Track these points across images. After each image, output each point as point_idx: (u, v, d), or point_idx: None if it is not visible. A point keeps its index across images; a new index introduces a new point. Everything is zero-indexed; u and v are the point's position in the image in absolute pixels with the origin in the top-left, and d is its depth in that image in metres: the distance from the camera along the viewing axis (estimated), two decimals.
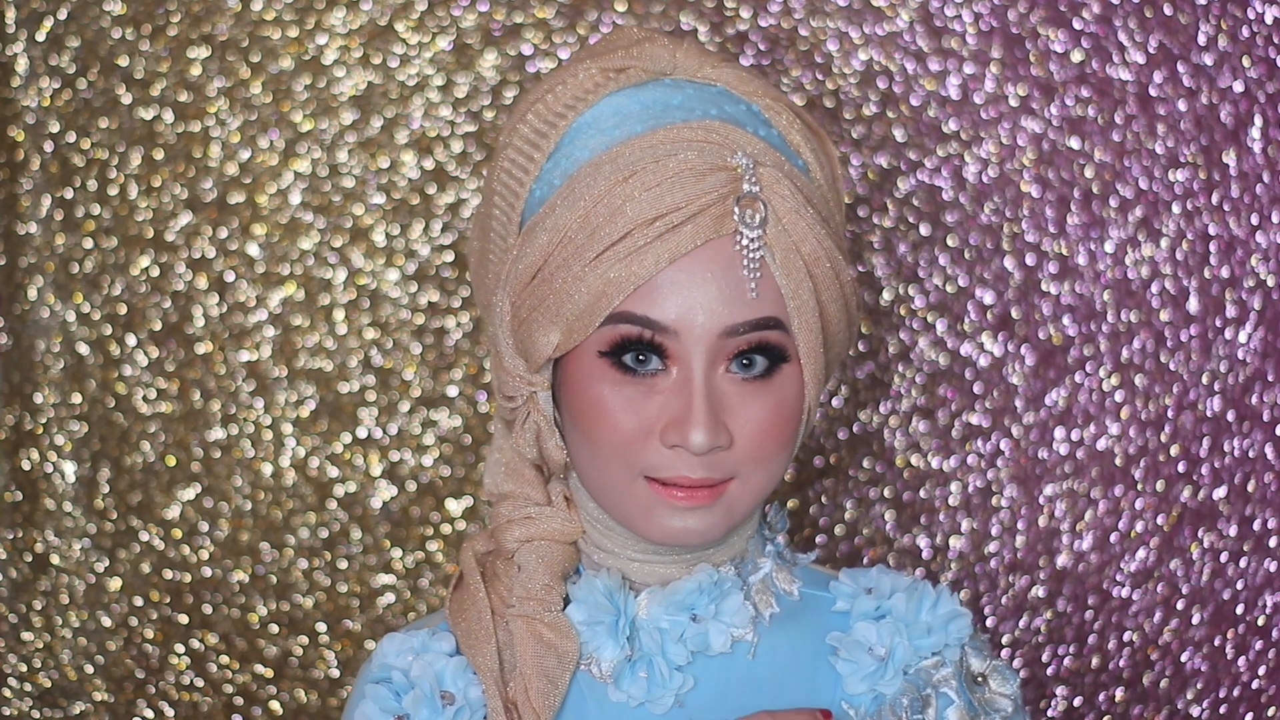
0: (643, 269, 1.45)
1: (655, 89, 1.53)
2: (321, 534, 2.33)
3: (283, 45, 2.30)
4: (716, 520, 1.49)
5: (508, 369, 1.54)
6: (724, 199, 1.46)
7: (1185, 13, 2.25)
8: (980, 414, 2.29)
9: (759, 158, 1.49)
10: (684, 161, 1.47)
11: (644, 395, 1.47)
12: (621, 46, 1.55)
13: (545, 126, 1.53)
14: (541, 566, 1.54)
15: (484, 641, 1.53)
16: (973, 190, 2.28)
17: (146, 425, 2.32)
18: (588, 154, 1.50)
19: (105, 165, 2.31)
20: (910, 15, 2.27)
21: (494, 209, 1.56)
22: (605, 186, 1.47)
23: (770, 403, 1.48)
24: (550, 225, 1.49)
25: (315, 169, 2.31)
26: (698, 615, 1.53)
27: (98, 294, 2.32)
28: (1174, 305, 2.27)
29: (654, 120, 1.51)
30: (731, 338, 1.46)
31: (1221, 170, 2.26)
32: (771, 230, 1.47)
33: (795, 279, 1.48)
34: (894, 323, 2.29)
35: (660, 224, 1.45)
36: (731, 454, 1.48)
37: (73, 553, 2.34)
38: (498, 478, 1.60)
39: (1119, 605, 2.29)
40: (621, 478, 1.49)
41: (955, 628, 1.57)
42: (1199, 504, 2.28)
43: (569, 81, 1.54)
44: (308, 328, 2.32)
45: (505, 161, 1.55)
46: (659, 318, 1.46)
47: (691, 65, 1.54)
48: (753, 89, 1.54)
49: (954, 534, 2.30)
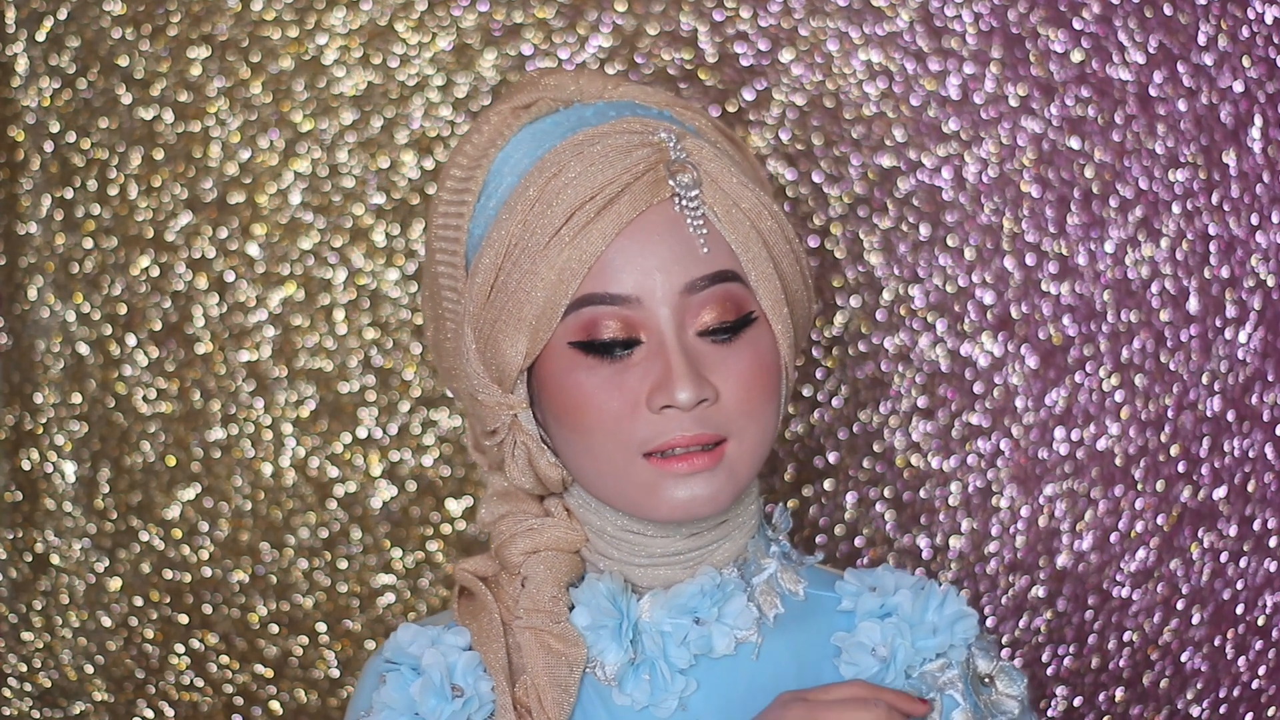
0: (591, 245, 1.47)
1: (566, 112, 1.57)
2: (321, 534, 2.33)
3: (283, 45, 2.30)
4: (722, 484, 1.49)
5: (484, 401, 1.54)
6: (654, 166, 1.49)
7: (1185, 13, 2.25)
8: (980, 414, 2.30)
9: (679, 135, 1.52)
10: (609, 145, 1.50)
11: (621, 372, 1.48)
12: (525, 85, 1.60)
13: (468, 173, 1.57)
14: (550, 577, 1.55)
15: (495, 639, 1.53)
16: (973, 190, 2.28)
17: (146, 425, 2.32)
18: (516, 178, 1.54)
19: (105, 165, 2.31)
20: (910, 15, 2.27)
21: (438, 267, 1.58)
22: (537, 190, 1.50)
23: (747, 355, 1.49)
24: (493, 240, 1.51)
25: (315, 169, 2.31)
26: (700, 618, 1.54)
27: (98, 294, 2.32)
28: (1174, 305, 2.27)
29: (571, 129, 1.55)
30: (693, 294, 1.48)
31: (1221, 170, 2.26)
32: (708, 190, 1.50)
33: (742, 231, 1.50)
34: (894, 323, 2.29)
35: (599, 200, 1.47)
36: (720, 409, 1.48)
37: (73, 553, 2.34)
38: (492, 505, 1.61)
39: (1119, 605, 2.29)
40: (619, 459, 1.49)
41: (961, 628, 1.57)
42: (1199, 504, 2.28)
43: (483, 129, 1.58)
44: (308, 328, 2.32)
45: (438, 219, 1.59)
46: (619, 290, 1.47)
47: (595, 89, 1.59)
48: (660, 100, 1.59)
49: (954, 534, 2.30)
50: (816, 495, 2.31)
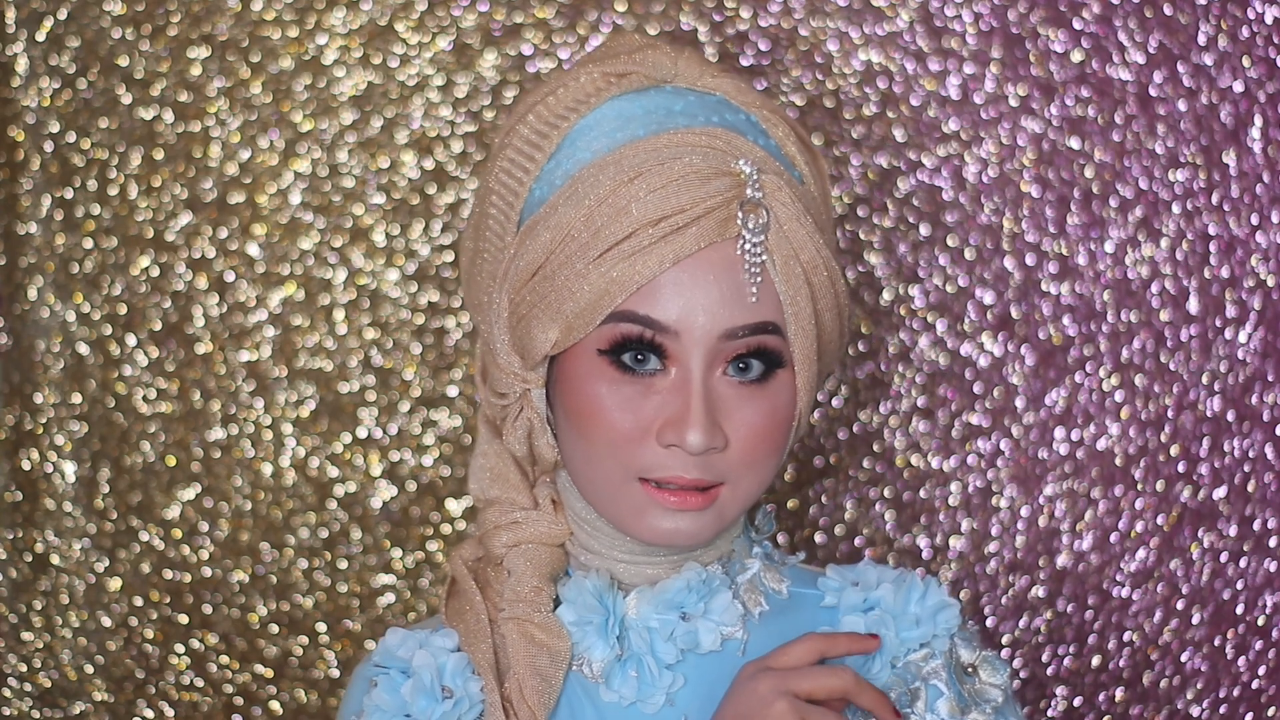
0: (646, 269, 1.46)
1: (657, 95, 1.54)
2: (321, 534, 2.33)
3: (283, 45, 2.30)
4: (707, 523, 1.50)
5: (501, 365, 1.54)
6: (728, 203, 1.47)
7: (1185, 13, 2.25)
8: (980, 414, 2.29)
9: (761, 165, 1.50)
10: (689, 165, 1.48)
11: (641, 395, 1.48)
12: (623, 52, 1.56)
13: (546, 128, 1.54)
14: (530, 570, 1.55)
15: (482, 639, 1.54)
16: (973, 190, 2.28)
17: (146, 425, 2.32)
18: (590, 155, 1.51)
19: (105, 165, 2.31)
20: (910, 15, 2.27)
21: (490, 208, 1.56)
22: (610, 186, 1.48)
23: (765, 407, 1.49)
24: (553, 223, 1.49)
25: (315, 169, 2.31)
26: (687, 614, 1.54)
27: (98, 294, 2.32)
28: (1174, 305, 2.27)
29: (657, 125, 1.51)
30: (730, 340, 1.47)
31: (1221, 170, 2.26)
32: (773, 236, 1.48)
33: (794, 285, 1.49)
34: (894, 323, 2.29)
35: (665, 225, 1.46)
36: (725, 457, 1.48)
37: (73, 553, 2.34)
38: (483, 483, 1.60)
39: (1119, 605, 2.29)
40: (615, 477, 1.49)
41: (944, 618, 1.57)
42: (1199, 504, 2.28)
43: (570, 85, 1.54)
44: (308, 328, 2.32)
45: (504, 162, 1.56)
46: (660, 318, 1.46)
47: (692, 74, 1.55)
48: (750, 100, 1.55)
49: (954, 534, 2.30)
50: (816, 495, 2.31)
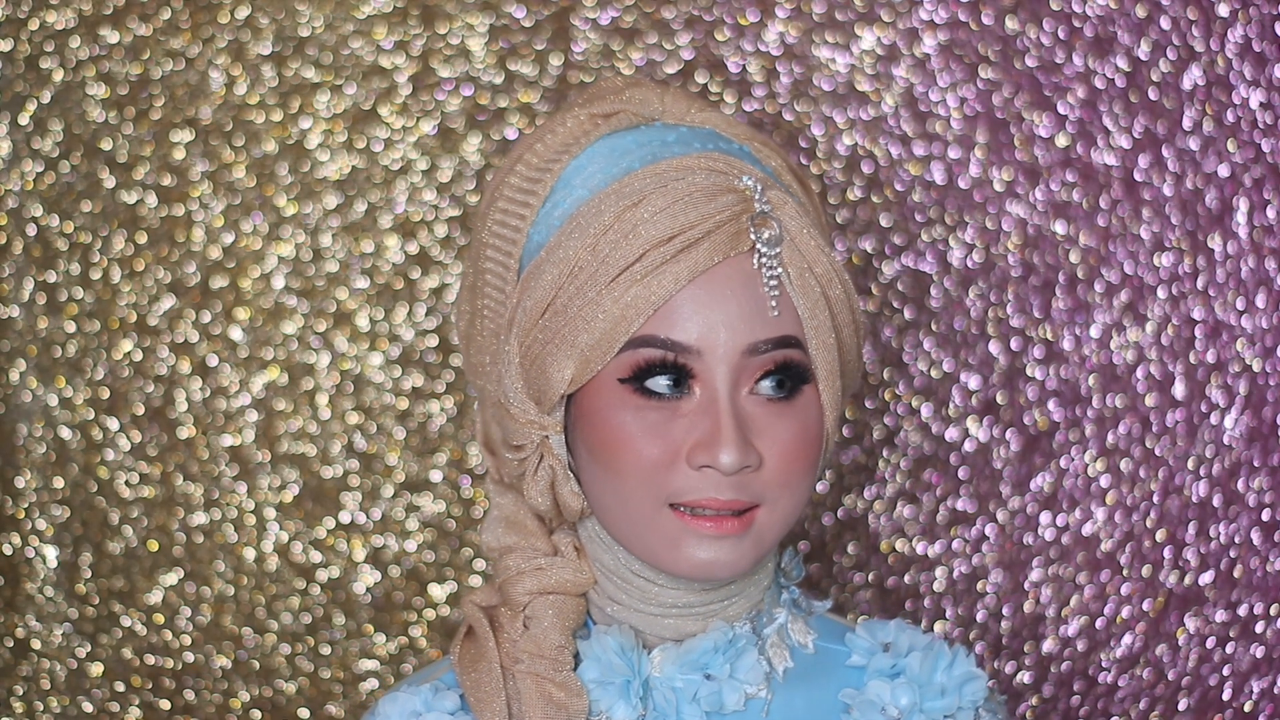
0: (662, 289, 1.43)
1: (648, 130, 1.53)
2: (304, 619, 2.31)
3: (266, 129, 2.30)
4: (746, 550, 1.46)
5: (516, 415, 1.50)
6: (737, 217, 1.45)
7: (1170, 97, 2.25)
8: (965, 499, 2.29)
9: (764, 182, 1.48)
10: (693, 183, 1.45)
11: (668, 420, 1.44)
12: (609, 93, 1.55)
13: (538, 173, 1.52)
14: (557, 624, 1.52)
15: (494, 697, 1.50)
16: (958, 275, 2.28)
17: (129, 510, 2.31)
18: (588, 192, 1.49)
19: (88, 249, 2.31)
20: (895, 100, 2.27)
21: (486, 263, 1.54)
22: (613, 214, 1.45)
23: (795, 424, 1.46)
24: (558, 259, 1.46)
25: (299, 253, 2.30)
26: (712, 674, 1.51)
27: (80, 378, 2.31)
28: (1160, 390, 2.27)
29: (652, 155, 1.50)
30: (754, 356, 1.44)
31: (1207, 254, 2.26)
32: (786, 250, 1.46)
33: (811, 298, 1.46)
34: (879, 407, 2.29)
35: (676, 242, 1.43)
36: (759, 476, 1.45)
37: (54, 638, 2.32)
38: (497, 533, 1.57)
39: (1105, 691, 2.28)
40: (647, 508, 1.45)
41: (970, 690, 1.55)
42: (1185, 589, 2.27)
43: (558, 130, 1.53)
44: (291, 412, 2.31)
45: (496, 214, 1.53)
46: (681, 339, 1.43)
47: (680, 109, 1.54)
48: (740, 132, 1.54)
49: (939, 619, 2.29)
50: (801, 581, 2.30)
